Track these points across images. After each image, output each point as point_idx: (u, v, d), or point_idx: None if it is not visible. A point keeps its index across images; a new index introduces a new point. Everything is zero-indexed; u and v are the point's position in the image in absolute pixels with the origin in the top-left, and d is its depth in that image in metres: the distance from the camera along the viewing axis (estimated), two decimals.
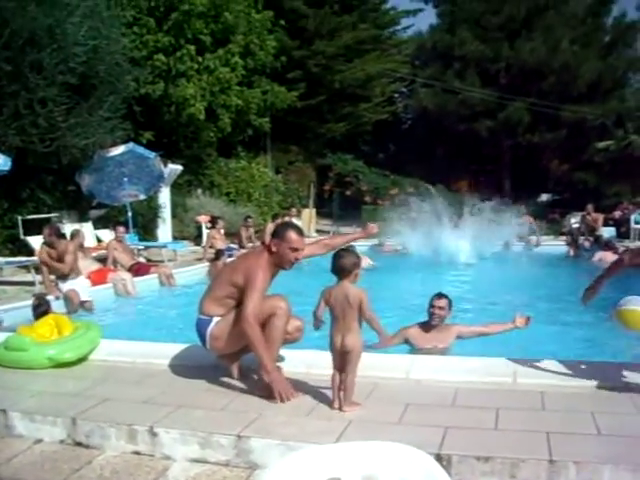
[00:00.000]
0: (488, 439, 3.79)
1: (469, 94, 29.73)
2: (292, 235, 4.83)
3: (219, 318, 4.86)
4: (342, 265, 4.39)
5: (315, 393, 4.66)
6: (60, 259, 9.49)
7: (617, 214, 20.06)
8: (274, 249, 4.83)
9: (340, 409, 4.33)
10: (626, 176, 24.14)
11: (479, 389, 4.69)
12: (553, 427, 3.87)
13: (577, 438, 3.75)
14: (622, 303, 4.73)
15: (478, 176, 32.26)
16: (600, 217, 18.50)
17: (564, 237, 18.50)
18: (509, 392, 4.61)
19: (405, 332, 6.65)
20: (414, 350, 6.47)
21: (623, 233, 18.62)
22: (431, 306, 6.56)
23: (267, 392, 4.56)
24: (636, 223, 18.39)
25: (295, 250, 4.84)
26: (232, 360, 5.09)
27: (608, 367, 5.04)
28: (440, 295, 6.63)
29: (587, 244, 16.52)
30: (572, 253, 16.08)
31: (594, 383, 4.63)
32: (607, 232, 18.05)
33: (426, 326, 6.62)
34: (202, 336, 4.95)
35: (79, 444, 4.20)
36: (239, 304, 4.77)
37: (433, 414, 4.21)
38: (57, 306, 8.19)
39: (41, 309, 6.53)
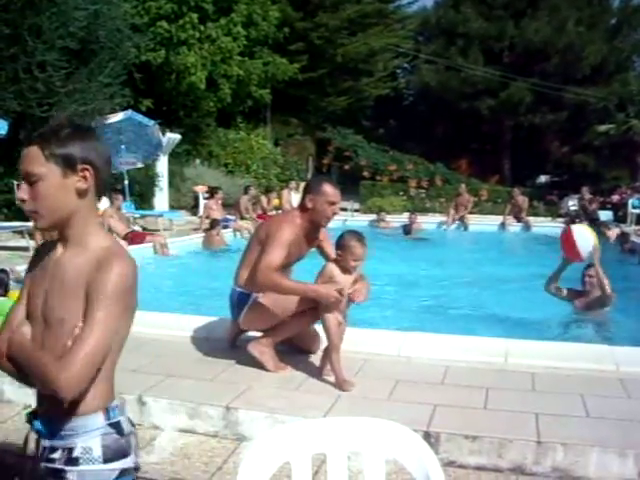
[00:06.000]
0: (477, 418, 3.79)
1: (472, 72, 29.52)
2: (328, 188, 4.58)
3: (259, 294, 4.56)
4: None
5: (306, 367, 4.66)
6: None
7: (615, 198, 20.02)
8: (309, 205, 4.58)
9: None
10: (625, 160, 24.09)
11: (470, 368, 4.69)
12: (542, 408, 3.87)
13: (566, 420, 3.76)
14: None
15: (478, 155, 32.11)
16: (596, 200, 18.53)
17: (561, 219, 18.51)
18: (500, 372, 4.61)
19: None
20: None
21: (620, 217, 18.60)
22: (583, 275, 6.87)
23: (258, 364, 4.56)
24: (633, 207, 18.35)
25: (332, 204, 4.57)
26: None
27: (599, 350, 5.03)
28: (589, 266, 6.83)
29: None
30: None
31: (585, 365, 4.63)
32: (605, 215, 18.02)
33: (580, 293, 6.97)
34: (237, 309, 4.69)
35: None
36: None
37: (423, 392, 4.22)
38: None
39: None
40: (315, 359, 4.68)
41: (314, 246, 4.83)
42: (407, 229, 16.23)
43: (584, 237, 6.42)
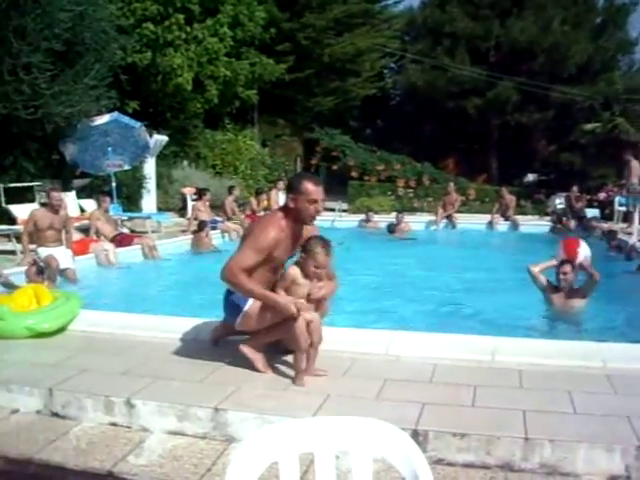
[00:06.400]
0: (465, 416, 3.81)
1: (458, 72, 29.55)
2: (309, 186, 4.42)
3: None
4: None
5: (294, 367, 4.65)
6: (51, 226, 9.45)
7: (602, 196, 20.14)
8: (291, 205, 4.46)
9: None
10: (611, 158, 24.14)
11: (458, 366, 4.70)
12: (530, 405, 3.90)
13: (553, 416, 3.78)
14: None
15: (465, 155, 32.14)
16: (582, 198, 18.77)
17: (549, 217, 18.64)
18: (487, 369, 4.64)
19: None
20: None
21: (607, 215, 18.72)
22: (557, 272, 7.13)
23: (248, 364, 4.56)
24: (620, 205, 18.44)
25: (314, 202, 4.43)
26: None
27: (586, 346, 5.07)
28: (563, 262, 7.15)
29: (573, 224, 16.71)
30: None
31: (572, 362, 4.66)
32: (591, 213, 18.15)
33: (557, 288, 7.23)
34: (233, 312, 4.61)
35: (55, 415, 4.19)
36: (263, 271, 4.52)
37: (411, 390, 4.23)
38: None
39: None
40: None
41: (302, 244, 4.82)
42: (391, 228, 16.29)
43: (586, 250, 7.26)
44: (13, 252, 11.00)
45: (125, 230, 13.67)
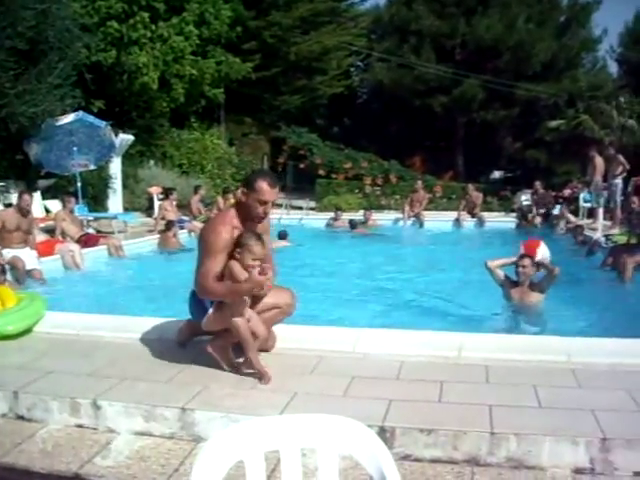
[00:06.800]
0: (432, 412, 3.83)
1: (424, 69, 29.70)
2: (263, 185, 4.24)
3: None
4: None
5: None
6: (18, 228, 9.34)
7: (567, 192, 20.38)
8: (242, 198, 4.33)
9: None
10: (576, 155, 24.43)
11: (425, 362, 4.73)
12: (496, 400, 3.93)
13: (519, 411, 3.81)
14: None
15: (431, 152, 32.32)
16: (549, 195, 18.99)
17: (514, 213, 18.82)
18: (454, 365, 4.66)
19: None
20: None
21: (572, 211, 18.94)
22: (516, 266, 7.13)
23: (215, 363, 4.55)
24: (585, 202, 18.67)
25: (264, 203, 4.26)
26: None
27: (551, 341, 5.13)
28: (522, 256, 7.18)
29: (538, 220, 16.93)
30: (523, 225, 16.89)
31: (537, 357, 4.71)
32: (556, 210, 18.36)
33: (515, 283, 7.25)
34: (199, 311, 4.54)
35: (21, 418, 4.14)
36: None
37: (378, 387, 4.24)
38: None
39: None
40: (270, 357, 4.68)
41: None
42: (354, 224, 16.34)
43: (545, 250, 7.28)
44: None
45: (91, 230, 13.54)
